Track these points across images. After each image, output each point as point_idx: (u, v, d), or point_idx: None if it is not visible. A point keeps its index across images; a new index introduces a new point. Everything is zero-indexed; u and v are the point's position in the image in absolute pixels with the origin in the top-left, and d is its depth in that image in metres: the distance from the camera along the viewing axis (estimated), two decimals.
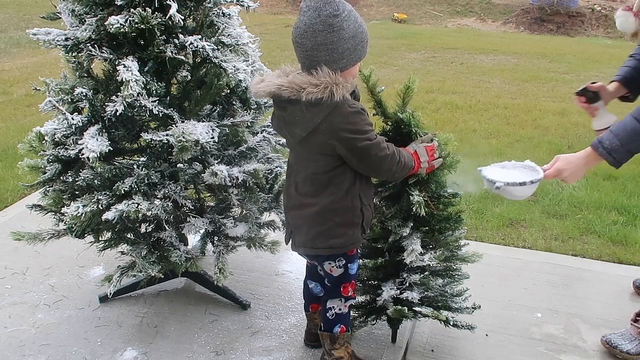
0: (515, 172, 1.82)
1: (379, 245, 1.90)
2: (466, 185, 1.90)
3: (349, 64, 1.52)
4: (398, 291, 1.86)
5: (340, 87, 1.48)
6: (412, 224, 1.80)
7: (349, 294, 1.83)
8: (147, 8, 1.72)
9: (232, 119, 1.98)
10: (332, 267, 1.77)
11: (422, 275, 1.87)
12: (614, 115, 2.03)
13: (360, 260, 1.96)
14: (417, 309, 1.88)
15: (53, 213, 2.01)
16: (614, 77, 2.10)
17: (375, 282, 1.97)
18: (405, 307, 1.85)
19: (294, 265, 2.58)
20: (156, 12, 1.74)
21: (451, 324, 1.93)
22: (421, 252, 1.77)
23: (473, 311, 1.98)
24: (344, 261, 1.76)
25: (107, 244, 2.07)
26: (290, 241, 1.80)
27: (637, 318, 2.11)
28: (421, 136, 1.73)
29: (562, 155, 1.82)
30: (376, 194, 1.87)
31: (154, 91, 1.81)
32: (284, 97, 1.53)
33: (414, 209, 1.71)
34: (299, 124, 1.56)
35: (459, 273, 1.98)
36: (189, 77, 1.98)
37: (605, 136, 1.72)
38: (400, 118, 1.74)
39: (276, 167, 2.16)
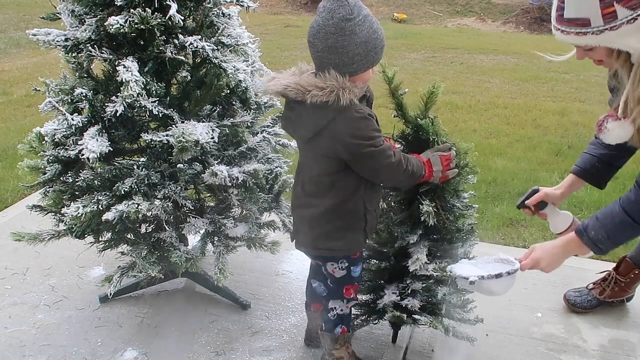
0: (489, 267, 1.66)
1: (385, 250, 1.89)
2: None
3: (359, 69, 1.50)
4: (399, 297, 1.85)
5: (347, 92, 1.46)
6: (421, 232, 1.77)
7: (351, 296, 1.83)
8: (147, 8, 1.72)
9: (232, 119, 1.98)
10: (335, 268, 1.77)
11: (425, 284, 1.85)
12: (568, 213, 1.88)
13: (368, 261, 1.96)
14: (416, 316, 1.85)
15: (53, 213, 2.01)
16: (573, 167, 1.91)
17: (380, 282, 1.96)
18: (404, 314, 1.83)
19: (294, 266, 2.58)
20: (156, 13, 1.74)
21: (450, 334, 1.91)
22: (426, 262, 1.73)
23: (476, 324, 1.96)
24: (347, 263, 1.76)
25: (107, 244, 2.07)
26: (295, 240, 1.81)
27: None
28: (439, 144, 1.70)
29: (537, 244, 1.67)
30: (385, 197, 1.86)
31: (154, 91, 1.81)
32: (291, 97, 1.52)
33: (422, 218, 1.69)
34: (304, 125, 1.56)
35: None
36: (189, 78, 1.98)
37: (591, 225, 1.57)
38: (419, 124, 1.71)
39: (276, 167, 2.16)
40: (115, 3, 1.74)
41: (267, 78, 1.60)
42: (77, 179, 1.88)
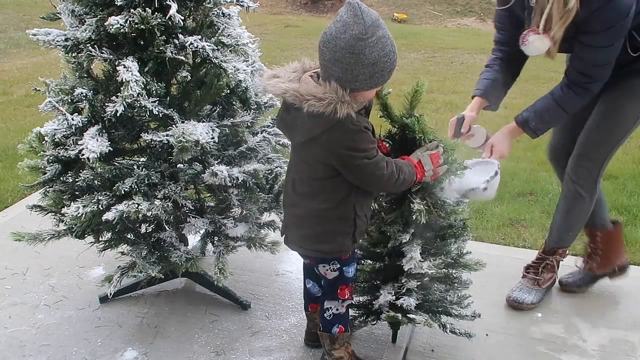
0: (479, 171, 1.93)
1: (378, 250, 1.89)
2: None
3: (361, 87, 1.48)
4: (395, 297, 1.85)
5: (346, 106, 1.44)
6: (413, 231, 1.77)
7: (346, 297, 1.82)
8: (147, 8, 1.72)
9: (232, 119, 1.98)
10: (327, 270, 1.77)
11: (420, 282, 1.85)
12: (482, 128, 2.12)
13: (362, 262, 1.96)
14: (411, 315, 1.84)
15: (53, 213, 2.01)
16: (475, 91, 2.16)
17: (376, 283, 1.96)
18: (399, 314, 1.83)
19: (294, 265, 2.58)
20: (156, 13, 1.74)
21: (449, 330, 1.91)
22: (420, 260, 1.74)
23: (474, 319, 1.97)
24: (339, 265, 1.76)
25: (107, 244, 2.07)
26: (284, 236, 1.81)
27: (526, 273, 2.39)
28: (427, 143, 1.71)
29: (491, 140, 2.08)
30: (376, 198, 1.86)
31: (154, 91, 1.81)
32: (288, 102, 1.52)
33: (414, 217, 1.69)
34: (299, 130, 1.56)
35: (460, 281, 1.95)
36: (189, 78, 1.98)
37: (531, 117, 2.02)
38: (405, 123, 1.71)
39: (276, 167, 2.16)
40: (115, 3, 1.74)
41: (267, 75, 1.58)
42: (77, 179, 1.88)
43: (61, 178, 1.94)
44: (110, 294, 2.06)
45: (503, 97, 2.19)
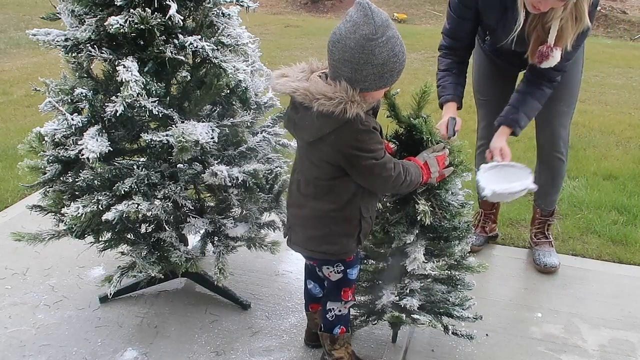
0: (510, 173, 2.03)
1: (382, 250, 1.88)
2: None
3: (370, 87, 1.48)
4: (397, 297, 1.85)
5: (355, 105, 1.44)
6: (417, 231, 1.77)
7: (349, 298, 1.82)
8: (146, 8, 1.72)
9: (232, 119, 1.98)
10: (331, 272, 1.77)
11: (423, 283, 1.85)
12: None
13: (365, 262, 1.95)
14: (415, 316, 1.84)
15: (53, 213, 2.01)
16: (447, 96, 2.27)
17: (378, 283, 1.96)
18: (403, 314, 1.83)
19: (294, 266, 2.58)
20: (156, 13, 1.74)
21: (450, 332, 1.91)
22: (423, 261, 1.74)
23: (475, 321, 1.96)
24: (342, 267, 1.75)
25: (107, 244, 2.07)
26: (287, 237, 1.81)
27: (537, 240, 2.66)
28: (433, 143, 1.71)
29: (493, 145, 2.19)
30: (380, 198, 1.86)
31: (154, 91, 1.81)
32: (297, 100, 1.52)
33: (419, 217, 1.69)
34: (307, 129, 1.55)
35: (462, 282, 1.95)
36: (189, 78, 1.98)
37: (520, 118, 2.19)
38: (412, 124, 1.71)
39: (276, 167, 2.16)
40: (115, 3, 1.74)
41: (276, 74, 1.57)
42: (77, 179, 1.88)
43: (61, 178, 1.94)
44: (110, 294, 2.06)
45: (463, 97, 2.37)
